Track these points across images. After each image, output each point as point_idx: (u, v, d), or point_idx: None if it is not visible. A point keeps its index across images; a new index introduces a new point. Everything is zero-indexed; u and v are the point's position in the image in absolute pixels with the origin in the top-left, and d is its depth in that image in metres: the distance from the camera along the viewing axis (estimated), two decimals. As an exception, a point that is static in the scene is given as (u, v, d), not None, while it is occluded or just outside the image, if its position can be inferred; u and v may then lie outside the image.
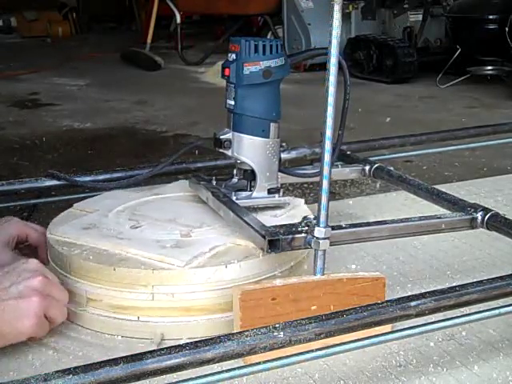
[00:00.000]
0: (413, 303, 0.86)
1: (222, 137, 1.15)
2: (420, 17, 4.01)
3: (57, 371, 0.70)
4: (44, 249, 1.14)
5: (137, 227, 1.11)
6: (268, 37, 4.38)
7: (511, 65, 3.46)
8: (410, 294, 0.91)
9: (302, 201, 1.23)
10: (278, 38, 4.25)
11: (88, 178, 1.33)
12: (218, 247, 1.04)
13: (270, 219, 1.11)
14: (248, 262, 1.01)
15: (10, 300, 0.91)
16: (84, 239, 1.07)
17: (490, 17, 3.57)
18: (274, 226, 1.00)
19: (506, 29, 3.33)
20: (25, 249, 1.17)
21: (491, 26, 3.56)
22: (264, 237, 0.97)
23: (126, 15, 7.05)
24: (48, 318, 0.95)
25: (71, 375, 0.70)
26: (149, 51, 4.50)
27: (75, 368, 0.71)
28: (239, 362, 0.83)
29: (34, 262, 0.98)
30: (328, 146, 0.94)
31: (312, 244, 0.97)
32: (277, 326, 0.80)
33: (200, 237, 1.08)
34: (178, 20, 4.60)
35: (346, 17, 4.11)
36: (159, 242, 1.05)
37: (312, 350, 0.83)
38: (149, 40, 4.57)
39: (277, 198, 1.17)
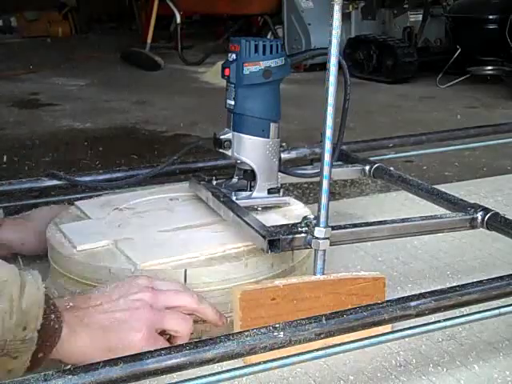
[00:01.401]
0: (413, 303, 0.86)
1: (222, 137, 1.15)
2: (420, 17, 4.01)
3: (57, 371, 0.70)
4: None
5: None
6: (268, 37, 4.38)
7: (511, 65, 3.46)
8: (409, 293, 0.91)
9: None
10: (278, 38, 4.25)
11: (88, 178, 1.33)
12: (217, 248, 1.04)
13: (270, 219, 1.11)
14: (248, 261, 1.01)
15: (117, 312, 0.87)
16: (84, 239, 1.07)
17: (490, 17, 3.56)
18: (273, 226, 1.00)
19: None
20: None
21: (491, 26, 3.56)
22: (264, 237, 0.97)
23: (126, 15, 7.04)
24: (168, 332, 0.90)
25: (71, 375, 0.69)
26: (149, 51, 4.50)
27: (75, 368, 0.71)
28: (239, 362, 0.83)
29: (145, 278, 0.93)
30: (328, 146, 0.94)
31: (312, 244, 0.97)
32: (277, 326, 0.80)
33: (198, 237, 1.08)
34: (178, 20, 4.60)
35: (346, 17, 4.11)
36: (160, 243, 1.05)
37: (312, 350, 0.83)
38: (149, 40, 4.57)
39: (277, 198, 1.17)
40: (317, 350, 0.83)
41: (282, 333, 0.79)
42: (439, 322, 0.91)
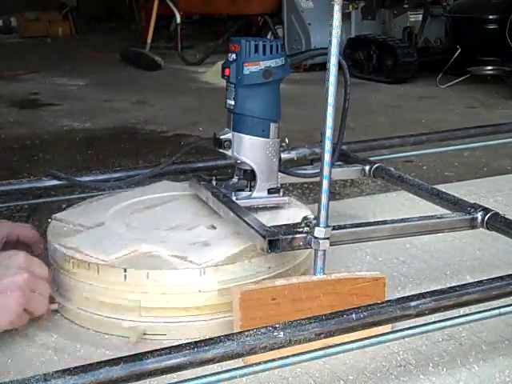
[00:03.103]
0: (413, 303, 0.86)
1: (222, 137, 1.15)
2: (420, 17, 4.02)
3: (57, 371, 0.70)
4: (40, 243, 1.14)
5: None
6: (268, 37, 4.38)
7: (511, 65, 3.46)
8: (409, 294, 0.91)
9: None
10: (278, 38, 4.25)
11: (88, 178, 1.33)
12: (218, 248, 1.04)
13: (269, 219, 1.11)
14: (248, 261, 1.01)
15: None
16: (85, 239, 1.07)
17: (490, 17, 3.57)
18: (273, 226, 1.00)
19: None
20: (18, 247, 1.15)
21: (491, 26, 3.57)
22: (264, 237, 0.97)
23: (126, 15, 7.04)
24: (28, 311, 0.95)
25: (71, 375, 0.70)
26: (149, 51, 4.50)
27: (75, 368, 0.71)
28: (239, 362, 0.83)
29: (21, 256, 0.97)
30: (328, 146, 0.94)
31: (312, 244, 0.97)
32: (277, 326, 0.80)
33: (201, 239, 1.08)
34: (178, 20, 4.60)
35: (346, 17, 4.11)
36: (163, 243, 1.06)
37: (312, 350, 0.83)
38: (149, 40, 4.57)
39: (277, 198, 1.17)
40: (317, 350, 0.83)
41: (281, 333, 0.79)
42: (439, 321, 0.91)
